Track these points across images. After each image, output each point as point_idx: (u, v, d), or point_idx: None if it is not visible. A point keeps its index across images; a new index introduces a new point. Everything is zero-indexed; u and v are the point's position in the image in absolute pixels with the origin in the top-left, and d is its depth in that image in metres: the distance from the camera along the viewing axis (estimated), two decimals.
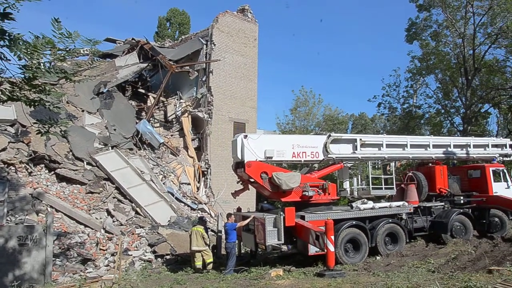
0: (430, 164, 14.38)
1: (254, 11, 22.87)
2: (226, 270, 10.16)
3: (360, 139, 12.68)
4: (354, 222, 11.07)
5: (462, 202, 14.00)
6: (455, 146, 14.74)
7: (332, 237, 8.84)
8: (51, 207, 12.39)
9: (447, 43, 28.90)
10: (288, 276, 8.82)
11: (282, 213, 10.25)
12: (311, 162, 12.65)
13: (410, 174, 13.68)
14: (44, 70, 7.18)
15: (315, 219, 10.60)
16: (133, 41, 22.52)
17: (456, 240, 12.24)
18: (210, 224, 14.69)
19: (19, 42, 6.33)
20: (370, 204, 11.98)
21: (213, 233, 13.64)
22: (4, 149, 13.09)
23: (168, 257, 12.32)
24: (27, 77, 7.02)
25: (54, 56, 7.49)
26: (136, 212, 14.04)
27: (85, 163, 14.87)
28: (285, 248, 12.42)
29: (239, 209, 12.59)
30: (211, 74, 19.71)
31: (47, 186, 13.31)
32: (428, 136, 17.92)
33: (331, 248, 8.75)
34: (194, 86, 20.65)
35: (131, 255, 11.99)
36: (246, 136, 11.11)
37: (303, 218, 10.59)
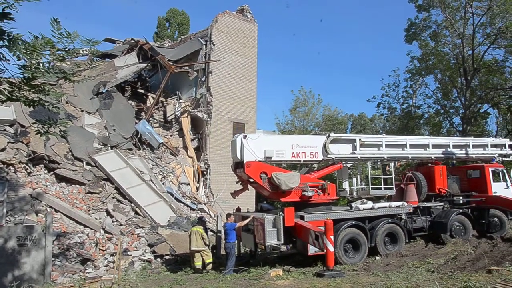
0: (430, 164, 14.39)
1: (254, 11, 22.93)
2: (226, 270, 10.17)
3: (360, 139, 12.69)
4: (354, 222, 11.08)
5: (461, 202, 14.04)
6: (455, 146, 14.76)
7: (332, 237, 8.85)
8: (50, 207, 12.38)
9: (446, 44, 28.94)
10: (288, 276, 8.83)
11: (281, 213, 10.25)
12: (310, 162, 12.68)
13: (409, 174, 13.68)
14: (43, 70, 7.17)
15: (314, 219, 10.61)
16: (132, 41, 22.51)
17: (456, 240, 12.25)
18: (209, 224, 14.68)
19: (18, 42, 6.31)
20: (370, 204, 12.00)
21: (212, 233, 13.64)
22: (3, 149, 13.08)
23: (167, 257, 12.31)
24: (26, 77, 7.00)
25: (53, 56, 7.48)
26: (136, 212, 14.03)
27: (84, 163, 14.87)
28: (284, 248, 12.43)
29: (238, 209, 12.59)
30: (210, 74, 19.72)
31: (47, 186, 13.30)
32: (428, 136, 17.94)
33: (331, 248, 8.76)
34: (193, 86, 20.65)
35: (131, 255, 11.98)
36: (245, 136, 11.11)
37: (302, 218, 10.60)
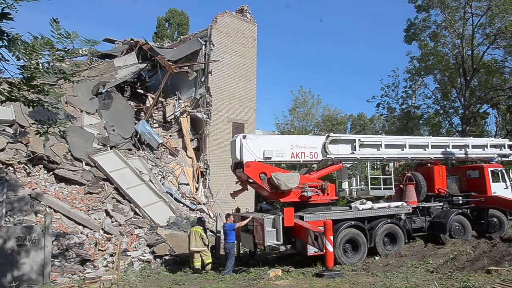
0: (429, 164, 14.39)
1: (254, 11, 22.94)
2: (225, 271, 10.16)
3: (359, 140, 12.69)
4: (353, 223, 11.09)
5: (460, 202, 14.05)
6: (454, 147, 14.77)
7: (331, 237, 8.86)
8: (49, 207, 12.38)
9: (445, 44, 28.97)
10: (287, 276, 8.84)
11: (281, 213, 10.24)
12: (310, 163, 12.68)
13: (408, 174, 13.67)
14: (42, 71, 7.16)
15: (314, 219, 10.60)
16: (132, 41, 22.51)
17: (455, 240, 12.27)
18: (209, 225, 14.69)
19: (18, 43, 6.31)
20: (369, 204, 12.01)
21: (212, 233, 13.63)
22: (2, 149, 13.07)
23: (167, 257, 12.31)
24: (25, 77, 7.00)
25: (52, 57, 7.49)
26: (135, 213, 14.03)
27: (83, 163, 14.87)
28: (283, 248, 12.43)
29: (238, 209, 12.58)
30: (210, 75, 19.72)
31: (46, 186, 13.29)
32: (427, 136, 17.95)
33: (330, 248, 8.77)
34: (193, 87, 20.65)
35: (130, 255, 11.98)
36: (245, 137, 11.10)
37: (302, 218, 10.59)
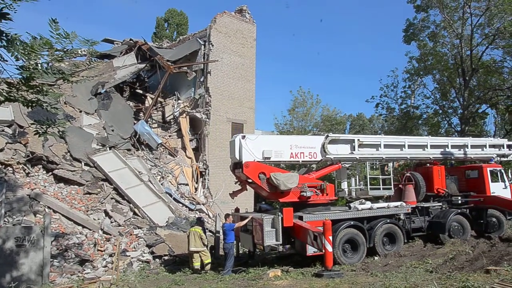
0: (428, 164, 14.41)
1: (254, 11, 22.96)
2: (224, 271, 10.16)
3: (358, 140, 12.70)
4: (352, 223, 11.09)
5: (460, 202, 14.08)
6: (453, 147, 14.78)
7: (330, 237, 8.87)
8: (48, 208, 12.37)
9: (444, 44, 28.99)
10: (286, 276, 8.84)
11: (280, 213, 10.24)
12: (309, 163, 12.68)
13: (408, 174, 13.70)
14: (41, 71, 7.17)
15: (313, 219, 10.60)
16: (131, 41, 22.49)
17: (454, 240, 12.28)
18: (208, 225, 14.68)
19: (17, 43, 6.31)
20: (368, 204, 12.01)
21: (211, 233, 13.63)
22: (1, 149, 13.06)
23: (166, 257, 12.30)
24: (24, 77, 7.00)
25: (51, 57, 7.50)
26: (134, 213, 14.02)
27: (83, 164, 14.86)
28: (282, 248, 12.41)
29: (237, 209, 12.58)
30: (209, 75, 19.71)
31: (45, 187, 13.28)
32: (426, 136, 17.96)
33: (329, 248, 8.77)
34: (192, 87, 20.64)
35: (129, 256, 11.97)
36: (244, 137, 11.10)
37: (301, 218, 10.58)
